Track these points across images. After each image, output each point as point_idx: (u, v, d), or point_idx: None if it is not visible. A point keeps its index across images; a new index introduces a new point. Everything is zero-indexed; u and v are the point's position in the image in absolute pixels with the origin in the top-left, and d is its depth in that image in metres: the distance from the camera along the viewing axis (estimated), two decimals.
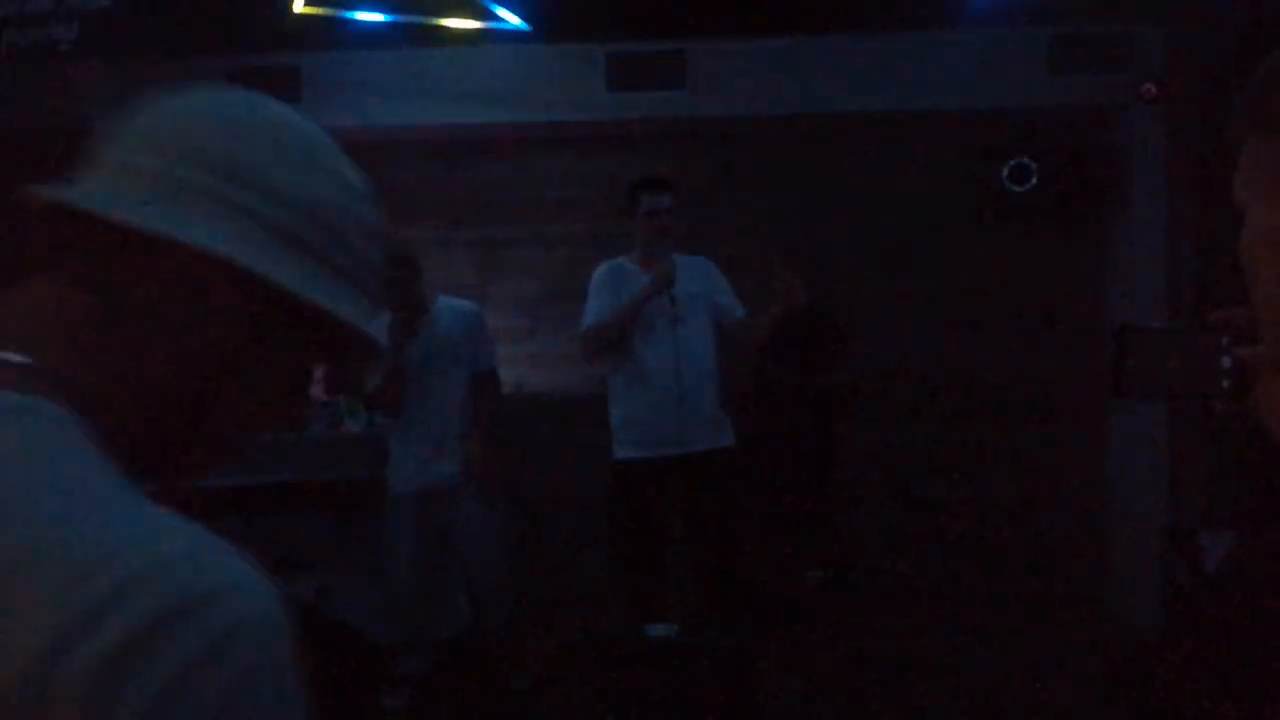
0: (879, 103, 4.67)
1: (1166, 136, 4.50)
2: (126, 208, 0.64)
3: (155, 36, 4.48)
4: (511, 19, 4.29)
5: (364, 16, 4.27)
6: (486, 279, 5.15)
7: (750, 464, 3.91)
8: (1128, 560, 4.67)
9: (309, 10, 4.15)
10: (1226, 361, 0.87)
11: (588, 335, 3.58)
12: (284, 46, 4.59)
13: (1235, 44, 3.67)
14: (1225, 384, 0.87)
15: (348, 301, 0.71)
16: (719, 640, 3.14)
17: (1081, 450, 4.92)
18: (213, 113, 0.69)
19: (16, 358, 0.61)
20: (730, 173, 5.06)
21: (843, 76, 4.66)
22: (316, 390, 4.60)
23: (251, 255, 0.66)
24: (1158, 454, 4.50)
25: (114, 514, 0.55)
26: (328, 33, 4.37)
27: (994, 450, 4.97)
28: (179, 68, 4.72)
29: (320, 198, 0.70)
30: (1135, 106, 4.50)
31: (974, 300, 4.97)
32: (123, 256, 0.65)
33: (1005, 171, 4.68)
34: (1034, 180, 4.63)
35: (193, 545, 0.54)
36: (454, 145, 5.10)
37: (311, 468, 3.94)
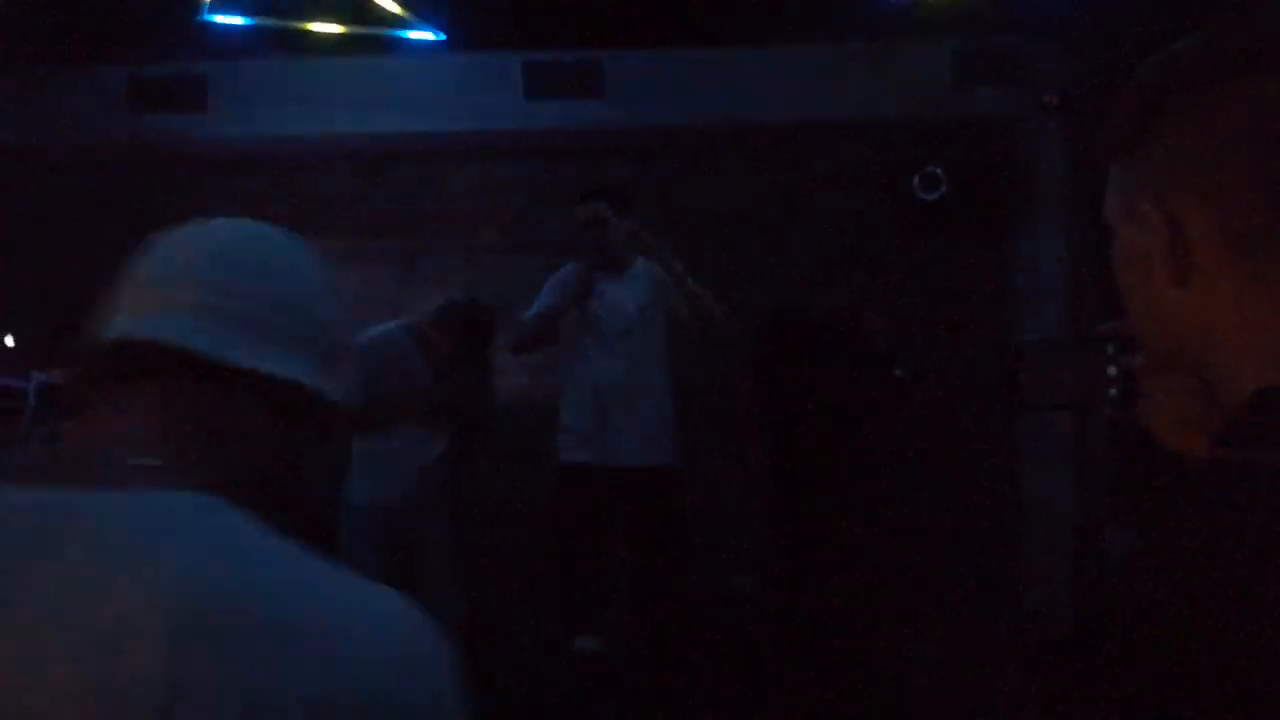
0: (794, 113, 4.75)
1: (1067, 147, 4.66)
2: (208, 342, 0.78)
3: (54, 43, 4.32)
4: (426, 29, 4.25)
5: (272, 24, 4.18)
6: (404, 290, 5.08)
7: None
8: (1041, 558, 4.81)
9: (215, 17, 4.05)
10: (1113, 371, 0.91)
11: (511, 330, 3.66)
12: (190, 54, 4.47)
13: (1134, 56, 3.82)
14: (1113, 392, 0.91)
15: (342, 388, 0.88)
16: (646, 653, 3.15)
17: (993, 452, 5.06)
18: (238, 250, 0.85)
19: (149, 460, 0.75)
20: (647, 182, 5.08)
21: (757, 87, 4.72)
22: None
23: (304, 374, 0.82)
24: (1065, 455, 4.65)
25: (336, 582, 0.74)
26: (235, 40, 4.27)
27: (907, 453, 5.07)
28: (79, 75, 4.57)
29: (326, 310, 0.87)
30: (1036, 117, 4.65)
31: (888, 306, 5.06)
32: (209, 379, 0.79)
33: (916, 180, 4.79)
34: (943, 189, 4.75)
35: (397, 605, 0.75)
36: (369, 155, 5.03)
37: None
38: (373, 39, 4.32)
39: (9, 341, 4.46)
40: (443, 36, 4.30)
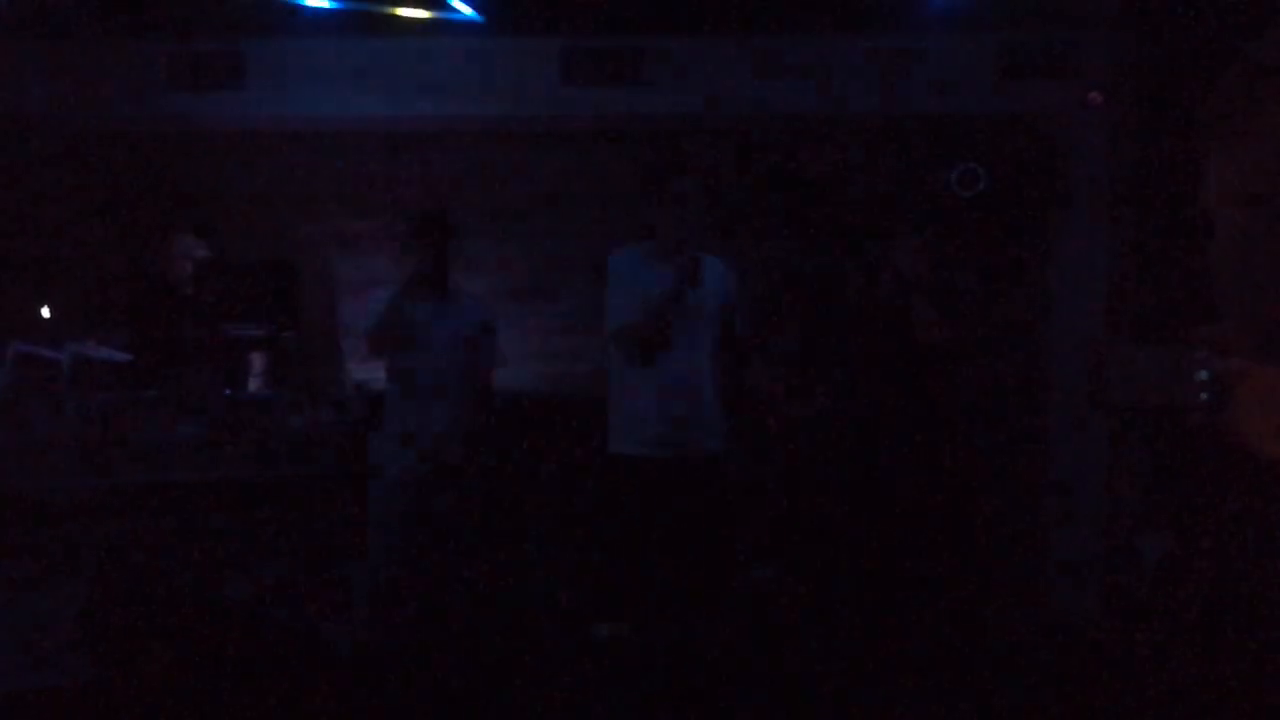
0: (832, 105, 4.70)
1: (1110, 145, 4.59)
2: None
3: (92, 18, 4.33)
4: (465, 10, 4.23)
5: (312, 2, 4.17)
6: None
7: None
8: (1070, 560, 4.76)
9: None
10: (1203, 375, 0.88)
11: (619, 337, 3.37)
12: (227, 31, 4.47)
13: (1180, 55, 3.76)
14: (1204, 396, 0.88)
15: None
16: (670, 638, 3.14)
17: (1025, 452, 5.01)
18: None
19: None
20: (684, 171, 5.04)
21: (795, 78, 4.67)
22: (257, 384, 4.50)
23: None
24: (1099, 458, 4.60)
25: None
26: (273, 18, 4.26)
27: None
28: (117, 51, 4.58)
29: None
30: (1080, 114, 4.59)
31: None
32: None
33: (954, 176, 4.73)
34: (981, 185, 4.69)
35: None
36: (405, 137, 5.02)
37: (257, 465, 3.85)
38: (411, 20, 4.31)
39: (45, 312, 4.49)
40: (482, 19, 4.28)
